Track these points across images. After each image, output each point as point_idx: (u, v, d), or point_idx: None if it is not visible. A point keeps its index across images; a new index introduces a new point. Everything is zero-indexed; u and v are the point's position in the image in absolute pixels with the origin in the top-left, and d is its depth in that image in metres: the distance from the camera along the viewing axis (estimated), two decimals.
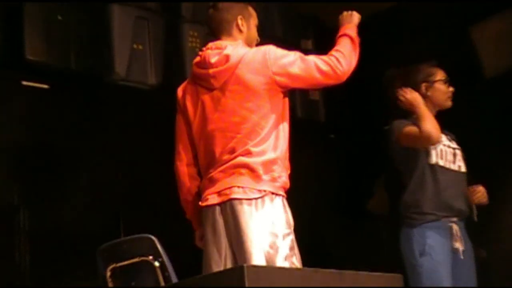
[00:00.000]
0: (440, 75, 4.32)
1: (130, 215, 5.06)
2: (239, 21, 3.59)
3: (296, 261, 3.35)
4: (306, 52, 5.40)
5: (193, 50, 4.94)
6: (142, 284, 3.39)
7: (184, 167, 3.63)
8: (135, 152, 5.07)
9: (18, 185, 4.74)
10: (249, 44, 3.61)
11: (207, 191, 3.45)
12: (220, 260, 3.39)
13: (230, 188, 3.38)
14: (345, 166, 6.16)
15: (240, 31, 3.60)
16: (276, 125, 3.48)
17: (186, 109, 3.57)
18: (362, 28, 5.73)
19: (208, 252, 3.43)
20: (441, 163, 4.15)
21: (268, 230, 3.34)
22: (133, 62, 4.89)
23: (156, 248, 3.35)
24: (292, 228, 3.40)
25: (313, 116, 5.77)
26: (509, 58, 5.44)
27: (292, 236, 3.38)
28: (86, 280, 4.37)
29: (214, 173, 3.45)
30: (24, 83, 4.80)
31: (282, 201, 3.42)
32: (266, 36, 5.00)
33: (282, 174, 3.44)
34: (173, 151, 3.63)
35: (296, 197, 3.47)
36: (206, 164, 3.53)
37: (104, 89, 4.96)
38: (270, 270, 2.77)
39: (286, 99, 3.55)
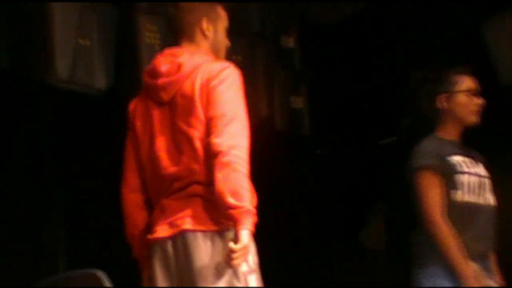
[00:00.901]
0: (465, 84, 4.18)
1: (71, 245, 4.98)
2: (204, 25, 3.46)
3: None
4: (288, 50, 5.71)
5: (151, 48, 4.78)
6: None
7: (130, 195, 3.49)
8: (79, 170, 5.03)
9: None
10: (216, 51, 3.52)
11: (157, 222, 3.35)
12: None
13: (182, 218, 3.27)
14: (334, 188, 6.11)
15: (205, 36, 3.47)
16: None
17: (135, 127, 3.48)
18: (352, 28, 5.56)
19: None
20: (467, 198, 4.06)
21: (226, 268, 3.23)
22: (78, 60, 4.69)
23: (104, 286, 3.28)
24: (256, 265, 3.30)
25: (296, 128, 5.74)
26: None
27: (256, 275, 3.27)
28: None
29: (165, 201, 3.35)
30: None
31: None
32: (244, 30, 5.13)
33: None
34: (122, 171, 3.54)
35: (274, 222, 3.55)
36: (155, 192, 3.42)
37: (42, 93, 4.85)
38: None
39: None
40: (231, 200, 3.15)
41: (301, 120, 5.76)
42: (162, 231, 3.30)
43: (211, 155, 3.24)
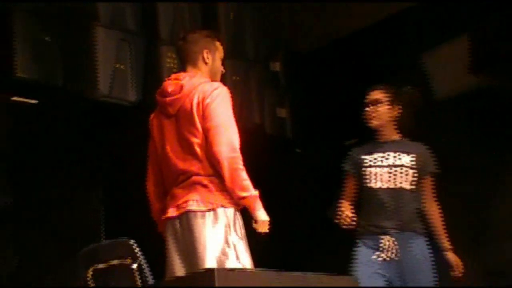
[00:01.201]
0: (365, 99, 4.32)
1: (112, 220, 5.07)
2: (205, 54, 3.59)
3: (246, 264, 3.38)
4: (275, 72, 5.83)
5: (170, 71, 4.86)
6: (120, 285, 3.35)
7: (152, 187, 3.66)
8: (116, 162, 5.10)
9: (12, 187, 4.80)
10: (213, 75, 3.63)
11: (169, 206, 3.50)
12: (182, 265, 3.43)
13: (186, 201, 3.41)
14: (309, 178, 6.14)
15: (205, 62, 3.60)
16: None
17: (153, 135, 3.61)
18: (324, 57, 5.64)
19: (171, 260, 3.47)
20: (373, 185, 4.21)
21: (219, 238, 3.37)
22: (115, 80, 4.84)
23: (134, 251, 3.28)
24: (243, 235, 3.43)
25: (281, 133, 5.76)
26: (459, 83, 5.45)
27: (242, 243, 3.41)
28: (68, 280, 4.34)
29: (174, 190, 3.50)
30: (14, 98, 4.80)
31: (234, 212, 3.43)
32: (240, 57, 5.34)
33: None
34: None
35: (265, 209, 3.43)
36: (168, 183, 3.56)
37: (88, 105, 4.94)
38: (238, 272, 2.78)
39: None
40: (240, 193, 3.33)
41: (284, 126, 5.83)
42: (171, 212, 3.45)
43: (214, 161, 3.36)
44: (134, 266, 3.24)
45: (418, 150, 4.26)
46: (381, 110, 4.27)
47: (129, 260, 3.25)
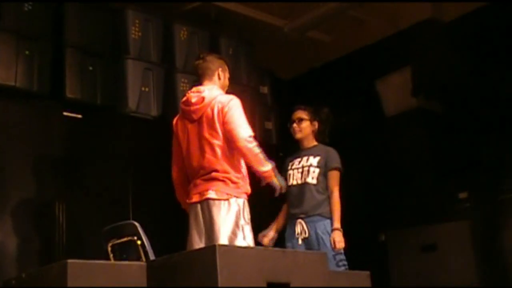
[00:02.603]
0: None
1: (137, 208, 4.94)
2: (220, 72, 3.57)
3: (250, 242, 3.38)
4: (263, 94, 5.82)
5: (184, 93, 4.56)
6: (129, 257, 3.30)
7: (177, 175, 3.61)
8: (142, 163, 5.04)
9: (56, 186, 4.68)
10: (223, 88, 3.59)
11: (192, 192, 3.46)
12: (199, 241, 3.40)
13: (207, 190, 3.38)
14: None
15: (219, 78, 3.57)
16: (232, 150, 3.43)
17: (178, 135, 3.55)
18: (300, 83, 5.53)
19: (191, 235, 3.44)
20: (290, 183, 4.16)
21: (231, 222, 3.35)
22: (141, 99, 4.83)
23: (138, 231, 3.28)
24: (249, 220, 3.40)
25: (267, 140, 5.67)
26: (404, 103, 5.47)
27: (248, 226, 3.39)
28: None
29: (197, 181, 3.46)
30: (64, 113, 4.77)
31: (244, 202, 3.41)
32: (237, 82, 5.20)
33: (244, 184, 3.44)
34: (170, 164, 3.63)
35: (257, 202, 3.45)
36: (190, 174, 3.53)
37: (120, 119, 4.92)
38: (234, 248, 2.78)
39: None
40: (262, 169, 3.35)
41: (270, 135, 5.82)
42: (195, 198, 3.42)
43: (239, 153, 3.31)
44: (139, 242, 3.23)
45: (324, 153, 4.18)
46: (303, 126, 4.24)
47: (135, 238, 3.25)
